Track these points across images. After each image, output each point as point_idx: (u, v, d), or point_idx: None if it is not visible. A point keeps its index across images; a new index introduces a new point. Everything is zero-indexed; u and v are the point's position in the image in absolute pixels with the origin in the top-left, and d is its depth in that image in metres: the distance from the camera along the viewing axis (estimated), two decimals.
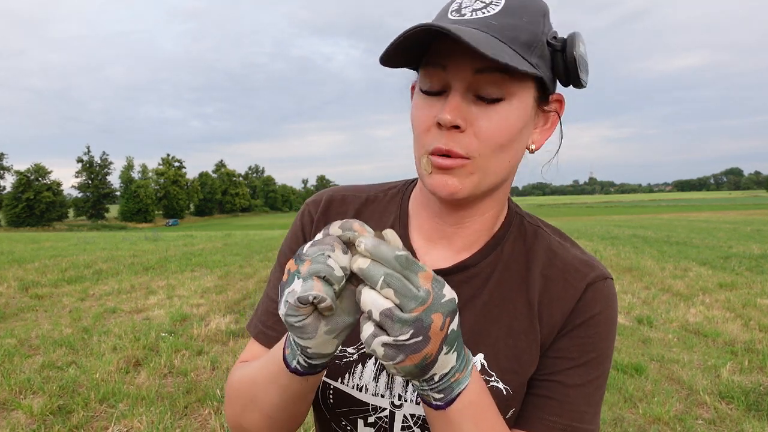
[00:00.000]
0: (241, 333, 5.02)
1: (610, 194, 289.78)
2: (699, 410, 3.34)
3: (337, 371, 0.74)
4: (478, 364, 0.70)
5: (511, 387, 0.69)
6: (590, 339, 0.70)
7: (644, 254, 10.50)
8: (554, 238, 0.77)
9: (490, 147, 0.63)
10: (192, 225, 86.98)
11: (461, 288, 0.73)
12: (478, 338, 0.71)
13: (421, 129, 0.66)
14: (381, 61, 0.62)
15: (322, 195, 0.84)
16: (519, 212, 0.79)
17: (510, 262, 0.74)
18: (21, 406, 3.28)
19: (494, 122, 0.63)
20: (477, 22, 0.62)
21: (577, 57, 0.65)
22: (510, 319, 0.71)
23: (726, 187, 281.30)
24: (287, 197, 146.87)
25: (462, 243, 0.74)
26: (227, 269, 9.21)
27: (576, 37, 0.66)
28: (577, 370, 0.69)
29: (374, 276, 0.50)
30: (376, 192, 0.84)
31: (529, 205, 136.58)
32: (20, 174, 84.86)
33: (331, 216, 0.80)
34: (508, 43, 0.61)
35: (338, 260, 0.52)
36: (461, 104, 0.62)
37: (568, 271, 0.72)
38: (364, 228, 0.53)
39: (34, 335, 4.95)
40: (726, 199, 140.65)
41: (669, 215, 39.45)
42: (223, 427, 3.10)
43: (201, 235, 20.65)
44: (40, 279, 7.98)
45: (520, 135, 0.66)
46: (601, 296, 0.71)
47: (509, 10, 0.63)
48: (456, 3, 0.66)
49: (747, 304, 5.96)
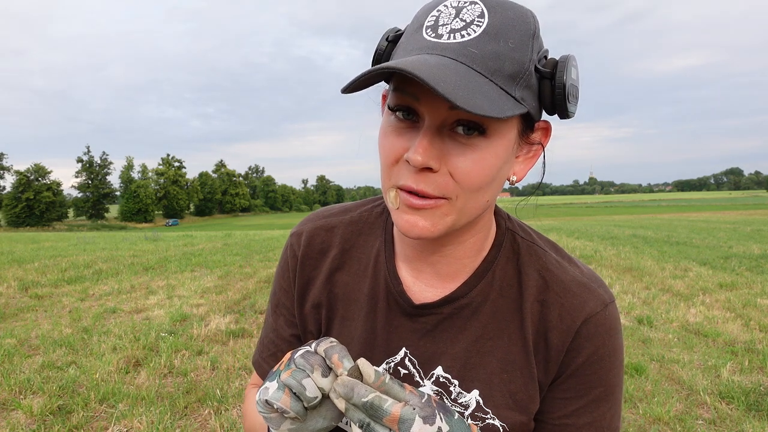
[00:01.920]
0: (241, 333, 5.02)
1: (610, 194, 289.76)
2: (699, 410, 3.33)
3: None
4: (473, 401, 0.68)
5: (507, 424, 0.67)
6: (595, 375, 0.68)
7: (644, 254, 10.50)
8: (550, 254, 0.72)
9: (468, 188, 0.58)
10: (192, 225, 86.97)
11: (451, 321, 0.70)
12: (473, 373, 0.69)
13: (389, 161, 0.60)
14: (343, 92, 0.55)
15: (305, 224, 0.82)
16: (510, 228, 0.74)
17: (503, 288, 0.70)
18: (21, 406, 3.28)
19: (472, 162, 0.56)
20: (455, 50, 0.54)
21: (567, 86, 0.58)
22: (504, 352, 0.69)
23: (726, 187, 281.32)
24: (287, 197, 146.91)
25: (448, 270, 0.71)
26: (227, 269, 9.20)
27: (568, 62, 0.59)
28: (586, 408, 0.68)
29: (353, 418, 0.57)
30: (360, 212, 0.80)
31: (529, 205, 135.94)
32: (20, 174, 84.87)
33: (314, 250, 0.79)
34: (490, 76, 0.54)
35: (316, 381, 0.58)
36: (434, 141, 0.56)
37: (566, 296, 0.68)
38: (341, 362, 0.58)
39: (34, 335, 4.94)
40: (726, 199, 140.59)
41: (669, 215, 39.43)
42: (222, 427, 3.10)
43: (201, 235, 20.63)
44: (40, 279, 7.98)
45: (500, 172, 0.60)
46: (600, 330, 0.68)
47: (493, 31, 0.55)
48: (432, 17, 0.57)
49: (747, 304, 5.95)
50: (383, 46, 0.65)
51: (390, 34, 0.65)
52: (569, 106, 0.60)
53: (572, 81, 0.59)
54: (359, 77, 0.53)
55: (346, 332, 0.75)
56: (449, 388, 0.69)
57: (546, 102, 0.60)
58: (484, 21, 0.55)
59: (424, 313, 0.71)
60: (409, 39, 0.60)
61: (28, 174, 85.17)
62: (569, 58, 0.59)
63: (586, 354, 0.67)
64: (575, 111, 0.62)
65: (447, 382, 0.70)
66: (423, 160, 0.55)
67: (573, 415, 0.68)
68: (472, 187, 0.58)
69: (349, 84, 0.54)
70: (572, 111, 0.61)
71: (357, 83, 0.54)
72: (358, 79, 0.53)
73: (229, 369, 4.05)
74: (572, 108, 0.61)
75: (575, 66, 0.60)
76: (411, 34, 0.60)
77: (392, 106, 0.59)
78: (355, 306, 0.76)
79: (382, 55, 0.65)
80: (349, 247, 0.78)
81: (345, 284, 0.77)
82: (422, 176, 0.57)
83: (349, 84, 0.54)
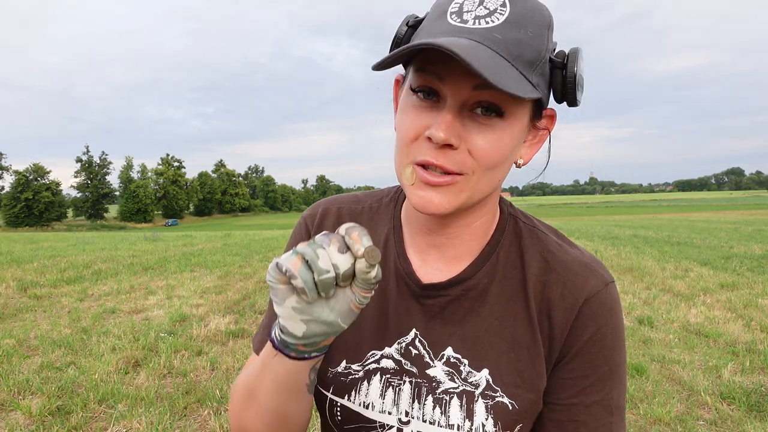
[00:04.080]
0: (240, 333, 5.01)
1: (610, 194, 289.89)
2: (700, 411, 3.33)
3: (343, 388, 0.74)
4: (483, 380, 0.70)
5: (516, 402, 0.69)
6: (599, 354, 0.69)
7: (645, 254, 10.49)
8: (551, 237, 0.75)
9: (484, 166, 0.61)
10: (191, 225, 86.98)
11: (459, 302, 0.72)
12: (482, 353, 0.71)
13: (409, 138, 0.62)
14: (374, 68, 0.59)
15: (318, 207, 0.85)
16: (512, 213, 0.77)
17: (507, 270, 0.73)
18: (20, 407, 3.27)
19: (490, 141, 0.60)
20: (481, 35, 0.58)
21: (576, 76, 0.63)
22: (511, 332, 0.71)
23: (727, 187, 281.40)
24: (287, 197, 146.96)
25: (454, 252, 0.73)
26: (227, 269, 9.19)
27: (578, 53, 0.64)
28: (594, 387, 0.69)
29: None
30: (370, 203, 0.83)
31: (529, 205, 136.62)
32: (19, 174, 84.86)
33: (325, 229, 0.81)
34: (512, 61, 0.58)
35: (330, 255, 0.56)
36: (455, 120, 0.59)
37: (567, 275, 0.71)
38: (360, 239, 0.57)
39: (33, 336, 4.93)
40: (727, 199, 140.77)
41: (670, 215, 39.46)
42: (222, 427, 3.09)
43: (200, 235, 20.62)
44: (39, 279, 7.96)
45: (513, 153, 0.64)
46: (602, 308, 0.69)
47: (514, 20, 0.59)
48: (456, 4, 0.61)
49: (748, 304, 5.94)
50: (403, 30, 0.67)
51: (410, 19, 0.68)
52: (578, 94, 0.64)
53: (580, 72, 0.64)
54: (395, 53, 0.56)
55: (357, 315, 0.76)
56: (459, 368, 0.71)
57: (557, 90, 0.65)
58: (507, 10, 0.59)
59: (431, 294, 0.73)
60: (432, 24, 0.62)
61: (27, 174, 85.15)
62: (578, 50, 0.64)
63: (590, 332, 0.69)
64: (581, 99, 0.67)
65: (457, 362, 0.71)
66: (446, 136, 0.58)
67: (581, 394, 0.69)
68: (488, 165, 0.61)
69: (383, 60, 0.57)
70: (579, 100, 0.66)
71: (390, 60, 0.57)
72: (393, 55, 0.56)
73: (229, 369, 4.04)
74: (579, 97, 0.65)
75: (583, 58, 0.65)
76: (434, 19, 0.62)
77: (415, 86, 0.62)
78: None
79: (401, 39, 0.67)
80: None
81: None
82: (442, 152, 0.60)
83: (383, 60, 0.57)
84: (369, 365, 0.74)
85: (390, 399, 0.72)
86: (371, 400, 0.73)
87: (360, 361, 0.75)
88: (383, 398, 0.73)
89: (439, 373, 0.71)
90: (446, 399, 0.70)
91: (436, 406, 0.70)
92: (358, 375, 0.74)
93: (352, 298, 0.60)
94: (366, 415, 0.73)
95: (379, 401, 0.73)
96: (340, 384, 0.74)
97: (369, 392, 0.73)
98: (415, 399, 0.71)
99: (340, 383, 0.74)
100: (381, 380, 0.73)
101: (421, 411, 0.71)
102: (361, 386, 0.74)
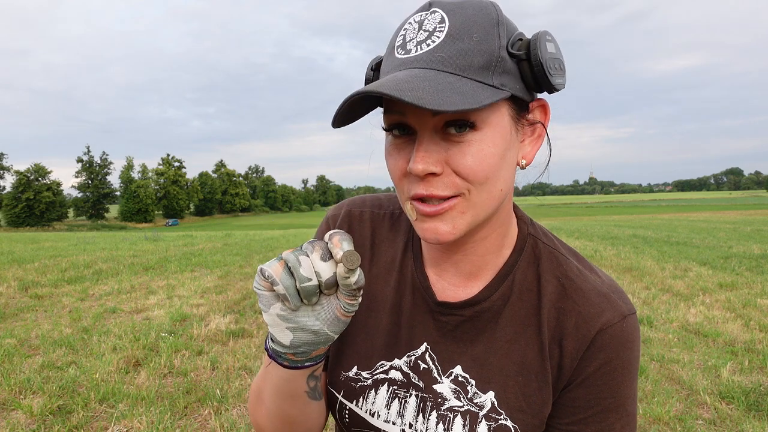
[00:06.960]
0: (240, 333, 5.02)
1: (610, 194, 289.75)
2: (699, 410, 3.33)
3: (352, 393, 0.75)
4: (488, 402, 0.70)
5: (519, 426, 0.69)
6: (606, 386, 0.68)
7: (644, 254, 10.49)
8: (572, 262, 0.73)
9: (475, 181, 0.60)
10: (192, 225, 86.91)
11: (472, 323, 0.72)
12: (489, 375, 0.71)
13: (397, 176, 0.63)
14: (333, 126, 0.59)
15: (341, 209, 0.85)
16: (533, 233, 0.75)
17: (522, 293, 0.72)
18: (21, 407, 3.28)
19: (471, 156, 0.58)
20: (424, 60, 0.57)
21: (543, 61, 0.59)
22: (521, 356, 0.70)
23: (726, 187, 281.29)
24: (287, 197, 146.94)
25: (470, 268, 0.72)
26: (227, 269, 9.20)
27: (540, 38, 0.60)
28: (594, 418, 0.69)
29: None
30: (392, 208, 0.83)
31: (529, 205, 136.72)
32: (20, 174, 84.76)
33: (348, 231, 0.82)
34: (461, 73, 0.57)
35: (314, 262, 0.58)
36: (429, 148, 0.59)
37: (583, 304, 0.69)
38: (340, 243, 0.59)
39: (34, 335, 4.94)
40: (726, 199, 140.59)
41: (669, 215, 39.41)
42: (222, 427, 3.10)
43: (201, 235, 20.62)
44: (40, 279, 7.97)
45: (504, 159, 0.61)
46: (615, 341, 0.67)
47: (455, 32, 0.57)
48: (400, 37, 0.61)
49: (747, 304, 5.95)
50: (369, 75, 0.69)
51: (374, 62, 0.70)
52: (552, 80, 0.60)
53: (550, 55, 0.60)
54: (338, 110, 0.57)
55: (371, 323, 0.77)
56: (466, 387, 0.71)
57: (528, 81, 0.61)
58: (446, 25, 0.58)
59: (446, 312, 0.73)
60: (385, 63, 0.64)
61: (28, 174, 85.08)
62: (540, 34, 0.60)
63: (598, 364, 0.67)
64: (563, 82, 0.63)
65: (465, 382, 0.71)
66: (423, 167, 0.58)
67: (580, 422, 0.69)
68: (479, 179, 0.60)
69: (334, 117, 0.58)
70: (559, 83, 0.62)
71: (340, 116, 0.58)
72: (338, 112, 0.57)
73: (229, 369, 4.05)
74: (557, 80, 0.61)
75: (550, 40, 0.61)
76: (386, 57, 0.64)
77: (386, 126, 0.63)
78: (380, 298, 0.78)
79: (369, 83, 0.68)
80: (378, 242, 0.81)
81: (374, 276, 0.79)
82: (429, 182, 0.60)
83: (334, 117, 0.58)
84: (378, 375, 0.75)
85: (395, 410, 0.73)
86: (377, 409, 0.74)
87: (370, 369, 0.75)
88: (389, 408, 0.73)
89: (446, 390, 0.71)
90: (450, 417, 0.70)
91: (439, 422, 0.70)
92: (366, 383, 0.75)
93: (338, 306, 0.60)
94: (372, 422, 0.74)
95: (385, 411, 0.73)
96: (350, 389, 0.75)
97: (376, 401, 0.74)
98: (419, 413, 0.72)
99: (350, 388, 0.76)
100: (388, 391, 0.74)
101: (425, 425, 0.71)
102: (369, 394, 0.75)
